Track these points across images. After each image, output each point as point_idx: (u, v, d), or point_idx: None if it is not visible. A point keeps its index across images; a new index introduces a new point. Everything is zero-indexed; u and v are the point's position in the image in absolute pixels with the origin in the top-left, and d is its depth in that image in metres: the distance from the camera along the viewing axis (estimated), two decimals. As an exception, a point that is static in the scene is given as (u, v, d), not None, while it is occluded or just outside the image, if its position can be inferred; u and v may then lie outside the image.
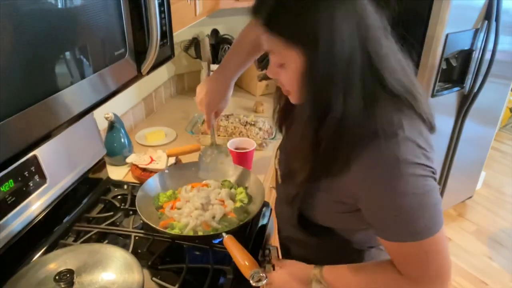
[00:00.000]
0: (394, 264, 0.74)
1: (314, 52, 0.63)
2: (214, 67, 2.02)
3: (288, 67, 0.69)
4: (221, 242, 0.92)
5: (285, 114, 0.90)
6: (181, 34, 2.04)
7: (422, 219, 0.67)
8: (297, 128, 0.76)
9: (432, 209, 0.67)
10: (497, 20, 2.02)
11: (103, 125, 1.36)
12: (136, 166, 1.35)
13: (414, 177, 0.65)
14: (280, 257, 1.04)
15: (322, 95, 0.65)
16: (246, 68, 1.08)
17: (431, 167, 0.68)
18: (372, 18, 0.66)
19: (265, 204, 1.18)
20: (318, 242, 0.87)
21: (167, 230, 0.97)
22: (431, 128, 0.72)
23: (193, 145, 1.30)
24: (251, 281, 0.73)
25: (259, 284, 0.73)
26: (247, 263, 0.76)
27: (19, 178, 0.89)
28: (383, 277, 0.76)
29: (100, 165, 1.23)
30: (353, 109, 0.65)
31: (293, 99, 0.77)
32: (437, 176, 0.71)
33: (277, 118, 0.92)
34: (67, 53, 0.62)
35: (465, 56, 2.12)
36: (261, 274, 0.73)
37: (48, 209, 0.99)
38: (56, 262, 0.80)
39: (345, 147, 0.68)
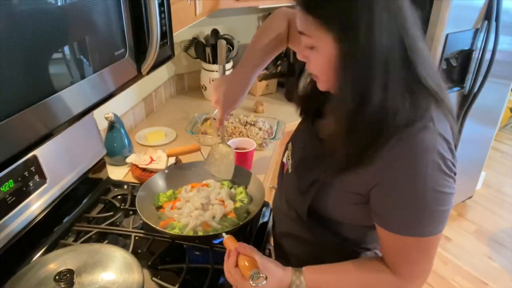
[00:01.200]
0: (384, 256, 0.75)
1: (351, 39, 0.63)
2: (214, 67, 2.02)
3: (320, 51, 0.68)
4: (221, 242, 0.92)
5: (310, 100, 0.89)
6: (181, 34, 2.04)
7: (431, 218, 0.67)
8: (331, 114, 0.75)
9: (444, 210, 0.68)
10: (497, 20, 2.02)
11: (103, 125, 1.36)
12: (136, 166, 1.35)
13: (438, 172, 0.65)
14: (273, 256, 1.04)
15: (360, 84, 0.65)
16: (264, 67, 1.08)
17: (455, 166, 0.68)
18: (409, 13, 0.66)
19: (265, 204, 1.18)
20: (316, 238, 0.86)
21: (167, 230, 0.97)
22: (455, 123, 0.73)
23: (193, 145, 1.30)
24: (250, 282, 0.73)
25: (259, 284, 0.73)
26: (247, 264, 0.76)
27: (19, 178, 0.89)
28: (368, 277, 0.77)
29: (100, 165, 1.23)
30: (392, 100, 0.65)
31: (321, 86, 0.75)
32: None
33: (300, 102, 0.91)
34: (67, 53, 0.62)
35: (465, 56, 2.12)
36: (261, 275, 0.73)
37: (48, 209, 0.99)
38: (56, 262, 0.80)
39: (380, 137, 0.67)
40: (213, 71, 2.03)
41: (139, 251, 1.00)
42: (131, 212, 1.15)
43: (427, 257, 0.73)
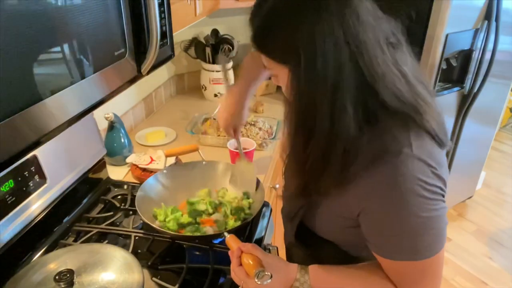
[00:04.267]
0: (389, 277, 0.73)
1: (297, 70, 0.61)
2: (214, 67, 2.02)
3: (282, 79, 0.68)
4: (221, 242, 0.92)
5: None
6: (181, 34, 2.04)
7: (423, 242, 0.65)
8: (289, 140, 0.73)
9: (436, 232, 0.65)
10: (497, 20, 2.02)
11: (103, 125, 1.36)
12: (136, 166, 1.35)
13: (420, 198, 0.63)
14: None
15: (305, 113, 0.64)
16: (261, 82, 1.08)
17: (440, 187, 0.65)
18: (368, 31, 0.60)
19: (265, 204, 1.18)
20: (317, 253, 0.86)
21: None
22: (441, 144, 0.68)
23: (191, 145, 1.30)
24: (256, 280, 0.73)
25: (264, 282, 0.73)
26: (251, 262, 0.76)
27: (19, 178, 0.89)
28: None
29: (100, 165, 1.23)
30: (344, 131, 0.62)
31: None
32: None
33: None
34: (67, 53, 0.62)
35: (465, 56, 2.12)
36: (266, 273, 0.73)
37: (48, 209, 0.99)
38: (56, 262, 0.80)
39: (337, 169, 0.65)
40: (213, 71, 2.03)
41: (139, 251, 1.00)
42: (131, 212, 1.15)
43: (432, 277, 0.70)
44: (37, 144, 0.58)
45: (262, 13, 0.64)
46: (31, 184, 0.93)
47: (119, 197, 1.23)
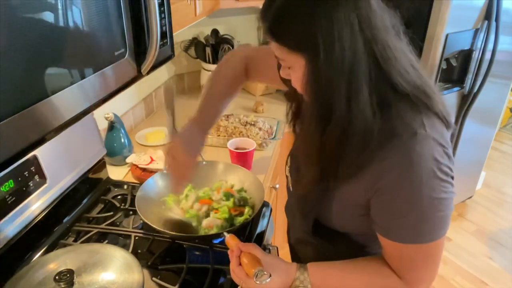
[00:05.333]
0: (389, 262, 0.75)
1: (314, 57, 0.63)
2: (212, 67, 2.02)
3: (295, 70, 0.69)
4: (221, 242, 0.92)
5: (297, 116, 0.89)
6: (181, 34, 2.04)
7: (430, 225, 0.67)
8: (304, 129, 0.75)
9: (442, 216, 0.67)
10: (497, 20, 2.02)
11: (103, 125, 1.36)
12: (136, 166, 1.35)
13: (434, 179, 0.65)
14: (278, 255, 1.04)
15: (324, 98, 0.65)
16: (223, 113, 1.04)
17: (451, 168, 0.67)
18: (379, 19, 0.64)
19: (265, 204, 1.18)
20: (330, 246, 0.87)
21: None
22: (448, 125, 0.71)
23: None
24: (255, 280, 0.73)
25: (263, 282, 0.73)
26: (250, 262, 0.76)
27: (19, 178, 0.89)
28: (374, 282, 0.77)
29: (100, 165, 1.23)
30: (360, 113, 0.64)
31: (305, 99, 0.76)
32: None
33: (290, 119, 0.92)
34: (67, 53, 0.62)
35: (465, 56, 2.12)
36: (265, 273, 0.73)
37: (48, 209, 0.99)
38: (56, 262, 0.80)
39: (355, 152, 0.67)
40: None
41: (139, 251, 1.00)
42: (131, 212, 1.15)
43: (432, 262, 0.72)
44: (37, 144, 0.58)
45: (279, 3, 0.64)
46: (31, 184, 0.93)
47: (119, 197, 1.23)
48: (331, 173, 0.72)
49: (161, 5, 0.85)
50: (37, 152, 0.94)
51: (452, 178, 0.68)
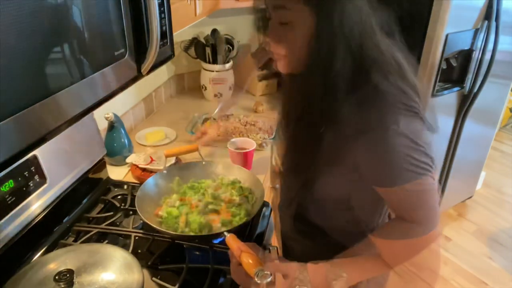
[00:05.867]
0: (396, 214, 0.78)
1: (325, 17, 0.66)
2: (214, 67, 2.02)
3: (295, 27, 0.70)
4: (221, 242, 0.92)
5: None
6: (181, 34, 2.04)
7: (408, 165, 0.69)
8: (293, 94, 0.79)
9: (410, 162, 0.69)
10: (497, 20, 2.02)
11: (103, 125, 1.36)
12: (136, 166, 1.35)
13: (405, 148, 0.68)
14: (280, 254, 1.04)
15: (326, 58, 0.68)
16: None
17: (430, 166, 0.69)
18: (369, 19, 0.68)
19: (265, 204, 1.18)
20: (311, 242, 0.88)
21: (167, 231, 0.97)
22: (430, 127, 0.72)
23: (191, 146, 1.30)
24: (256, 279, 0.73)
25: (264, 282, 0.73)
26: (251, 261, 0.76)
27: (19, 178, 0.89)
28: (394, 235, 0.78)
29: (100, 165, 1.23)
30: (344, 72, 0.67)
31: (282, 66, 0.78)
32: (437, 176, 0.72)
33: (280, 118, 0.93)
34: (67, 53, 0.62)
35: (465, 56, 2.12)
36: (265, 272, 0.73)
37: (48, 209, 0.99)
38: (56, 262, 0.80)
39: (331, 144, 0.71)
40: (213, 71, 2.03)
41: (139, 251, 1.00)
42: (131, 212, 1.15)
43: (426, 200, 0.74)
44: (37, 144, 0.58)
45: None
46: (31, 184, 0.93)
47: (119, 197, 1.23)
48: (309, 164, 0.74)
49: (161, 5, 0.85)
50: (37, 152, 0.94)
51: (430, 166, 0.70)
